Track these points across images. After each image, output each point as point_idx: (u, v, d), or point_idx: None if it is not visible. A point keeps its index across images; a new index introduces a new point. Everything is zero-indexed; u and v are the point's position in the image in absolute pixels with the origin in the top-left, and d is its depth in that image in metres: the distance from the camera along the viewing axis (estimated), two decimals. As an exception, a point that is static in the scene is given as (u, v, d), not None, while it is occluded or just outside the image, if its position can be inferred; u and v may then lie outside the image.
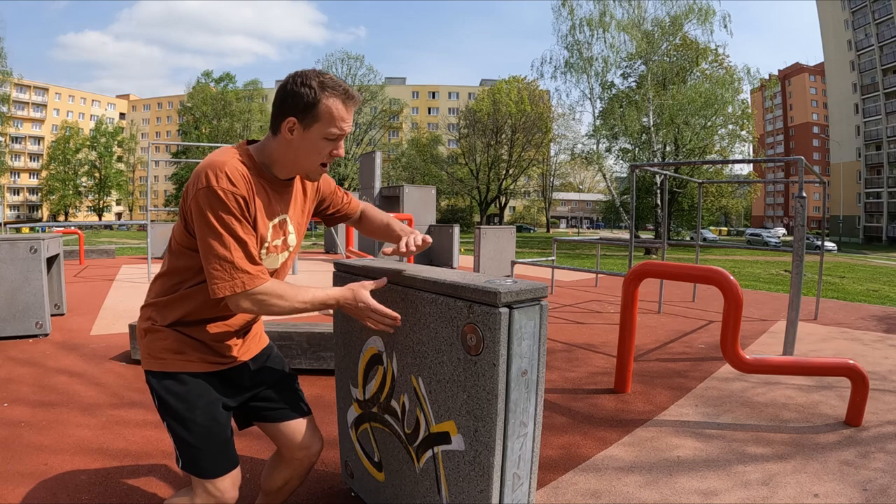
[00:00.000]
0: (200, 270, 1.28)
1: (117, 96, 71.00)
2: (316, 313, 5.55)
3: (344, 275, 1.70)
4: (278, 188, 1.35)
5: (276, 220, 1.35)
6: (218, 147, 1.41)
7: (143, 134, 67.14)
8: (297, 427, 1.53)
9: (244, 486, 1.99)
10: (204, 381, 1.37)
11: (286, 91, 1.24)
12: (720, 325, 2.73)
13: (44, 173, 56.46)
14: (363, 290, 1.34)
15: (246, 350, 1.47)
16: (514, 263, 7.11)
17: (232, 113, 48.95)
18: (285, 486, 1.59)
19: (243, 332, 1.46)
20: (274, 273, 1.40)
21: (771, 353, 4.20)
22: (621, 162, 26.22)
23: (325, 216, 1.62)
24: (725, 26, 22.74)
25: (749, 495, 2.03)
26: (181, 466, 1.37)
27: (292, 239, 1.42)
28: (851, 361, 2.77)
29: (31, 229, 24.04)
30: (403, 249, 1.46)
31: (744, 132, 24.10)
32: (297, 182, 1.42)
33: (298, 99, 1.22)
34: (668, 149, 23.94)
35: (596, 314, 5.95)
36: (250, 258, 1.23)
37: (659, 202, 21.75)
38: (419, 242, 1.47)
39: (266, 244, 1.33)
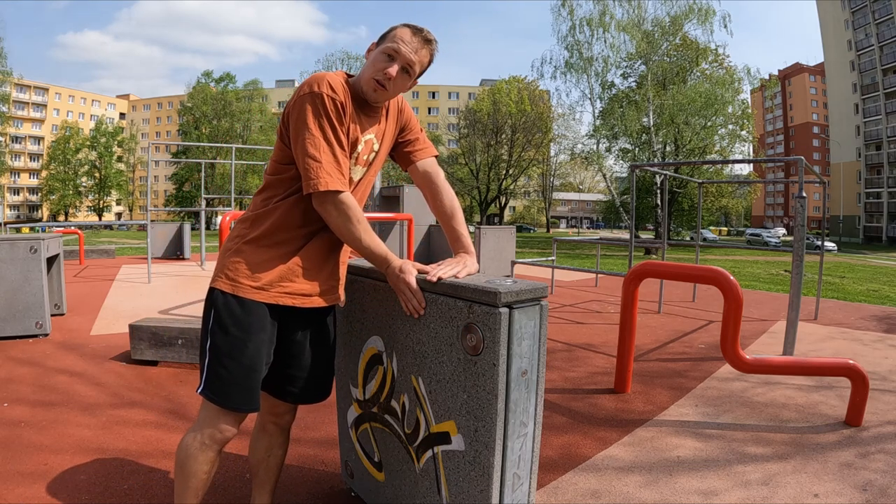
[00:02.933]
0: (292, 184, 1.39)
1: (117, 96, 71.02)
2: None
3: (346, 275, 1.70)
4: (366, 108, 1.45)
5: (368, 136, 1.46)
6: (218, 146, 1.46)
7: (143, 134, 67.12)
8: (286, 406, 1.58)
9: (242, 486, 1.99)
10: (268, 316, 1.39)
11: None
12: (720, 325, 2.72)
13: (44, 173, 56.43)
14: (411, 267, 1.37)
15: (322, 291, 1.46)
16: (514, 263, 7.12)
17: (232, 113, 48.90)
18: (270, 459, 1.62)
19: (323, 266, 1.46)
20: (359, 185, 1.50)
21: (771, 353, 4.20)
22: (621, 162, 26.21)
23: (399, 147, 1.61)
24: (725, 26, 22.75)
25: (749, 495, 2.03)
26: (203, 391, 1.38)
27: (373, 157, 1.51)
28: (851, 361, 2.77)
29: (31, 229, 24.04)
30: (434, 278, 1.31)
31: (744, 132, 24.08)
32: (383, 107, 1.51)
33: (384, 31, 1.41)
34: (668, 149, 23.92)
35: (596, 314, 5.94)
36: (337, 163, 1.33)
37: (659, 202, 21.73)
38: (445, 275, 1.33)
39: (356, 154, 1.43)
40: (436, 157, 1.64)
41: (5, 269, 3.99)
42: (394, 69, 1.36)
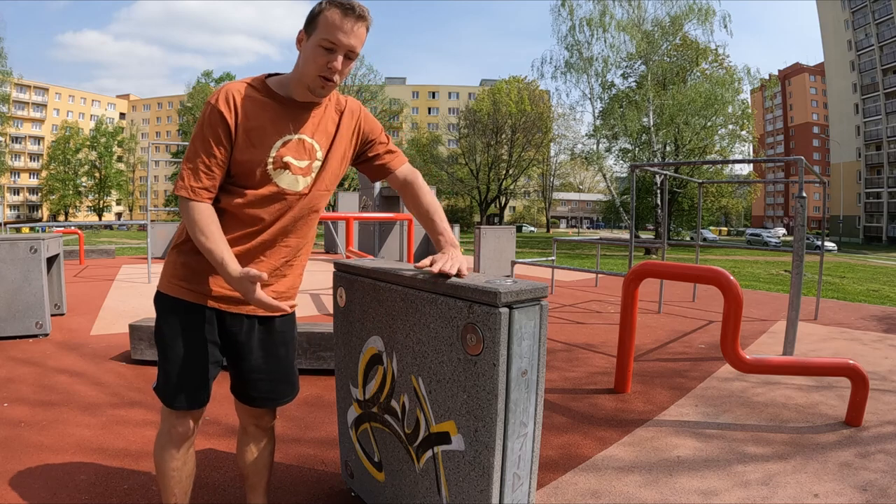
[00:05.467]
0: (223, 189, 1.37)
1: (117, 96, 71.02)
2: (317, 312, 5.55)
3: (344, 274, 1.70)
4: (292, 108, 1.38)
5: (287, 138, 1.37)
6: None
7: (143, 134, 67.14)
8: (262, 410, 1.58)
9: (241, 486, 1.99)
10: (200, 317, 1.40)
11: None
12: (720, 325, 2.72)
13: (44, 173, 56.49)
14: (250, 287, 1.26)
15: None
16: (514, 263, 7.11)
17: (232, 113, 48.87)
18: (257, 462, 1.62)
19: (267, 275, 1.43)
20: (299, 197, 1.41)
21: (771, 353, 4.20)
22: (621, 162, 26.22)
23: (366, 163, 1.56)
24: (725, 26, 22.77)
25: (749, 495, 2.03)
26: (154, 387, 1.44)
27: (318, 165, 1.42)
28: (851, 361, 2.77)
29: (31, 229, 24.04)
30: (435, 270, 1.33)
31: (744, 132, 24.12)
32: (328, 110, 1.44)
33: (309, 14, 1.31)
34: (668, 149, 23.94)
35: (596, 314, 5.95)
36: (204, 174, 1.31)
37: (659, 202, 21.74)
38: (453, 272, 1.32)
39: (270, 159, 1.36)
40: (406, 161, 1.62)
41: (5, 269, 3.99)
42: (339, 61, 1.30)
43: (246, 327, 1.46)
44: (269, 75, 1.41)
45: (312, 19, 1.30)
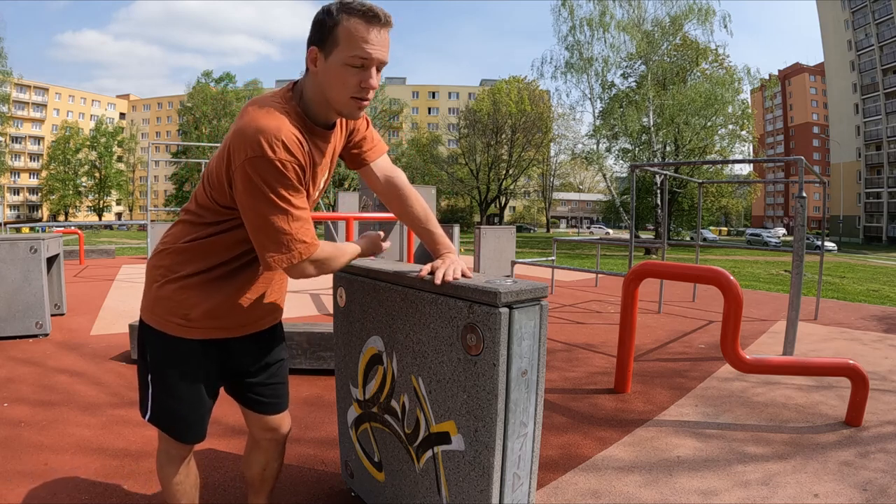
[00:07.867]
0: (230, 221, 1.24)
1: (117, 96, 70.97)
2: (317, 312, 5.56)
3: (344, 274, 1.70)
4: (327, 138, 1.28)
5: (323, 161, 1.31)
6: (218, 147, 1.36)
7: (143, 134, 67.12)
8: (274, 418, 1.54)
9: (241, 486, 1.99)
10: (202, 351, 1.31)
11: (312, 22, 1.16)
12: (720, 325, 2.72)
13: (44, 173, 56.51)
14: (379, 242, 1.47)
15: (258, 318, 1.39)
16: (514, 263, 7.11)
17: (232, 113, 48.91)
18: (265, 472, 1.59)
19: (258, 294, 1.37)
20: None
21: (771, 353, 4.20)
22: (621, 162, 26.23)
23: (348, 150, 1.44)
24: (725, 26, 22.77)
25: (749, 495, 2.03)
26: (150, 420, 1.36)
27: (327, 175, 1.40)
28: (851, 361, 2.77)
29: (31, 229, 24.03)
30: (438, 282, 1.27)
31: (744, 132, 24.12)
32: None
33: (319, 25, 1.13)
34: (668, 149, 23.94)
35: (596, 314, 5.95)
36: (307, 227, 1.18)
37: (659, 202, 21.74)
38: (457, 276, 1.29)
39: (316, 194, 1.34)
40: (387, 151, 1.51)
41: (5, 269, 3.99)
42: (375, 80, 1.16)
43: (252, 342, 1.42)
44: (293, 93, 1.24)
45: (328, 33, 1.12)
